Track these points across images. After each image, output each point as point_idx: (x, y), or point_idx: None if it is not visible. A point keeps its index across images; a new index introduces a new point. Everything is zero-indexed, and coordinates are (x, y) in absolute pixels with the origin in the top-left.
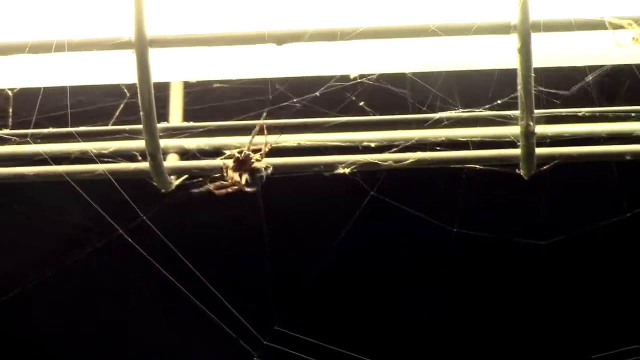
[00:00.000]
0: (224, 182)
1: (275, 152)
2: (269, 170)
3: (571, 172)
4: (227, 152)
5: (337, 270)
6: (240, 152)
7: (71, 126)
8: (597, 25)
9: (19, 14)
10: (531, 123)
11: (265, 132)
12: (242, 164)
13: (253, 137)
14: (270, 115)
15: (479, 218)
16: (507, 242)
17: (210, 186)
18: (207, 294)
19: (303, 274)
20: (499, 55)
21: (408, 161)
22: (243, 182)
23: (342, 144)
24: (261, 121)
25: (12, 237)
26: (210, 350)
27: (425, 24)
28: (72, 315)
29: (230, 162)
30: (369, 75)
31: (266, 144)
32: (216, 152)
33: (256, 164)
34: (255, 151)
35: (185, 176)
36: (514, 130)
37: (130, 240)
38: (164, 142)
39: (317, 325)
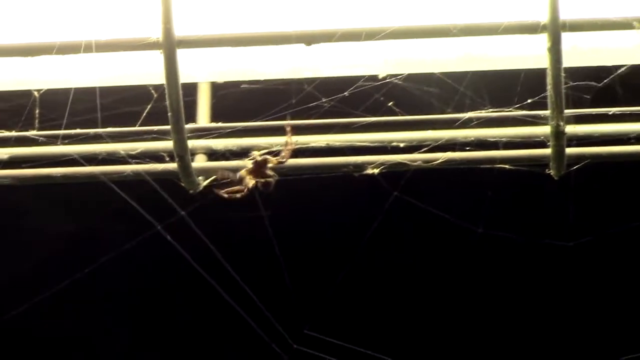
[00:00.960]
0: (236, 187)
1: (303, 152)
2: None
3: (599, 172)
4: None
5: (363, 273)
6: (260, 156)
7: (99, 127)
8: (625, 25)
9: (45, 15)
10: (562, 123)
11: (290, 134)
12: (259, 167)
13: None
14: (299, 116)
15: (505, 219)
16: (534, 244)
17: (221, 191)
18: (238, 297)
19: (330, 277)
20: (528, 54)
21: (438, 161)
22: (250, 185)
23: (371, 145)
24: (288, 122)
25: (38, 240)
26: (240, 354)
27: (454, 24)
28: (102, 316)
29: (249, 164)
30: (397, 75)
31: (286, 147)
32: (244, 153)
33: (269, 171)
34: (275, 155)
35: (214, 177)
36: (544, 130)
37: (168, 237)
38: (191, 143)
39: (346, 327)
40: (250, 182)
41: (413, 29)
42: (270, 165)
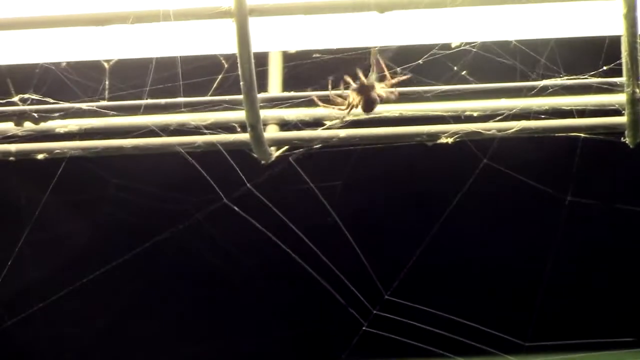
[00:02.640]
0: (336, 99)
1: (376, 122)
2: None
3: None
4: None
5: (447, 240)
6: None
7: (169, 97)
8: None
9: None
10: (637, 90)
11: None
12: (364, 90)
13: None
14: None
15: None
16: (619, 210)
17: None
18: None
19: (414, 243)
20: (603, 21)
21: (512, 130)
22: (356, 103)
23: (444, 114)
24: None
25: (110, 211)
26: (319, 318)
27: None
28: (170, 288)
29: (354, 84)
30: (471, 43)
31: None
32: (316, 123)
33: (377, 92)
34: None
35: (286, 147)
36: (619, 97)
37: (236, 209)
38: (263, 113)
39: (427, 295)
40: (356, 99)
41: None
42: (374, 90)
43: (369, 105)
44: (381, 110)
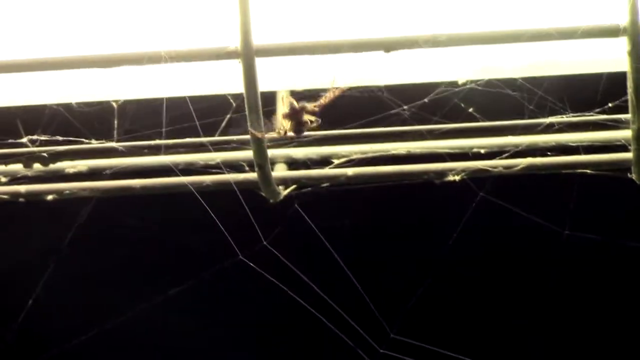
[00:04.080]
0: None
1: (385, 160)
2: (314, 125)
3: None
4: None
5: (450, 275)
6: (298, 102)
7: (178, 138)
8: None
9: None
10: None
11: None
12: (295, 113)
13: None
14: (378, 124)
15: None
16: (618, 245)
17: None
18: (321, 303)
19: (417, 280)
20: (609, 58)
21: (518, 167)
22: (288, 128)
23: (452, 151)
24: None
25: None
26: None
27: (534, 29)
28: (189, 332)
29: (285, 109)
30: (477, 80)
31: (325, 97)
32: (324, 161)
33: (306, 117)
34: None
35: (294, 186)
36: (625, 133)
37: (249, 262)
38: (271, 152)
39: (433, 331)
40: (287, 124)
41: (492, 34)
42: (307, 110)
43: (295, 128)
44: (388, 148)
